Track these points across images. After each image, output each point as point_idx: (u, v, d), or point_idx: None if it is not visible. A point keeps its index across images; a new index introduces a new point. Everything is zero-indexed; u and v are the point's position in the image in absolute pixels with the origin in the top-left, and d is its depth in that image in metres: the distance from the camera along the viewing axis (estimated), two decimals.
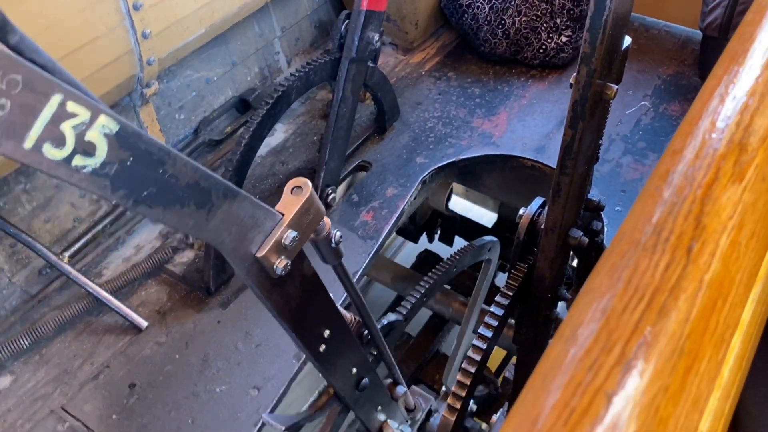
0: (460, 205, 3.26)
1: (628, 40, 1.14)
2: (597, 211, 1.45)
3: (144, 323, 1.84)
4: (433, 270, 1.59)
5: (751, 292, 0.53)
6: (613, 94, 1.13)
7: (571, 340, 0.36)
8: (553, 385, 0.34)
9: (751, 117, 0.48)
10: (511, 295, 1.37)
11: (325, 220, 0.95)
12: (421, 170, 2.19)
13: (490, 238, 1.76)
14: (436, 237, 3.09)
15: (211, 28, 1.98)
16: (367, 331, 1.28)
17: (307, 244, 0.95)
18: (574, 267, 1.90)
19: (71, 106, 0.58)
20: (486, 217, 3.30)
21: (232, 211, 0.79)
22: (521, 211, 1.39)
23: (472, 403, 1.53)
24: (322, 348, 1.10)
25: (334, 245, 1.00)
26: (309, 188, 0.89)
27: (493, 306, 1.37)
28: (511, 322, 1.70)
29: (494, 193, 2.65)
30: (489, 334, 1.35)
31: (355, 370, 1.26)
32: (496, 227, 3.11)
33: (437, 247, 3.11)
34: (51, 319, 1.81)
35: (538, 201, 1.40)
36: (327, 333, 1.10)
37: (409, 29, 2.66)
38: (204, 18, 1.93)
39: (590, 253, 1.85)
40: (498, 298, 1.37)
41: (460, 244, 3.02)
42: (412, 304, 1.54)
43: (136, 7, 1.65)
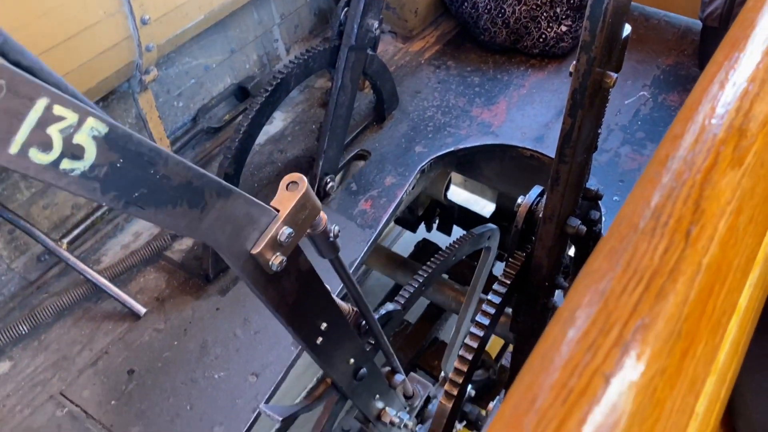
0: (459, 194, 3.26)
1: (628, 29, 1.13)
2: (595, 200, 1.46)
3: (142, 310, 1.85)
4: (433, 258, 1.59)
5: (749, 277, 0.54)
6: (612, 83, 1.13)
7: (570, 321, 0.37)
8: (552, 366, 0.34)
9: (751, 103, 0.48)
10: (509, 283, 1.37)
11: (322, 215, 0.94)
12: (420, 159, 2.19)
13: (490, 226, 1.76)
14: (435, 227, 3.09)
15: (211, 15, 1.98)
16: (364, 322, 1.28)
17: (303, 237, 0.94)
18: (571, 256, 1.90)
19: (58, 110, 0.57)
20: (484, 206, 3.30)
21: (226, 210, 0.78)
22: (520, 199, 1.39)
23: (470, 389, 1.53)
24: (320, 340, 1.10)
25: (331, 240, 0.99)
26: (305, 184, 0.88)
27: (491, 294, 1.38)
28: (509, 311, 1.70)
29: (493, 182, 2.65)
30: (486, 322, 1.36)
31: (352, 361, 1.26)
32: (494, 217, 3.12)
33: (435, 236, 3.11)
34: (50, 306, 1.81)
35: (537, 190, 1.40)
36: (324, 326, 1.10)
37: (408, 17, 2.65)
38: (203, 4, 1.92)
39: (588, 242, 1.85)
40: (496, 287, 1.38)
41: (459, 234, 3.04)
42: (411, 293, 1.54)
43: None
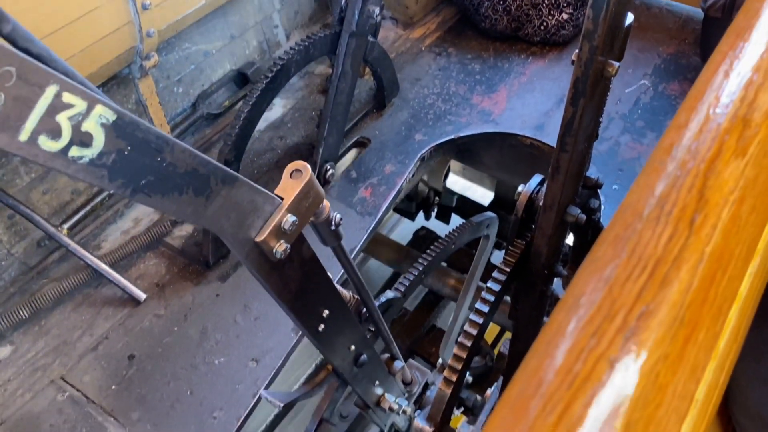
0: (457, 183, 3.27)
1: (630, 17, 1.13)
2: (595, 188, 1.46)
3: (143, 296, 1.85)
4: (432, 247, 1.59)
5: (750, 265, 0.54)
6: (614, 72, 1.13)
7: (575, 307, 0.37)
8: (557, 351, 0.35)
9: (755, 93, 0.48)
10: (508, 271, 1.38)
11: (325, 203, 0.95)
12: (420, 147, 2.19)
13: (489, 214, 1.77)
14: (433, 215, 3.10)
15: (211, 0, 1.97)
16: (365, 309, 1.29)
17: (306, 226, 0.95)
18: (570, 245, 1.91)
19: (67, 97, 0.57)
20: (483, 195, 3.30)
21: (231, 197, 0.79)
22: (520, 188, 1.39)
23: (468, 375, 1.55)
24: (321, 327, 1.11)
25: (333, 228, 0.99)
26: (308, 172, 0.88)
27: (491, 282, 1.38)
28: (507, 299, 1.71)
29: (492, 171, 2.65)
30: (485, 309, 1.37)
31: (353, 348, 1.27)
32: (493, 205, 3.12)
33: (434, 225, 3.12)
34: (50, 291, 1.81)
35: (537, 178, 1.40)
36: (326, 313, 1.10)
37: (409, 3, 2.63)
38: None
39: (587, 231, 1.86)
40: (495, 274, 1.38)
41: (457, 222, 3.04)
42: (410, 281, 1.55)
43: None
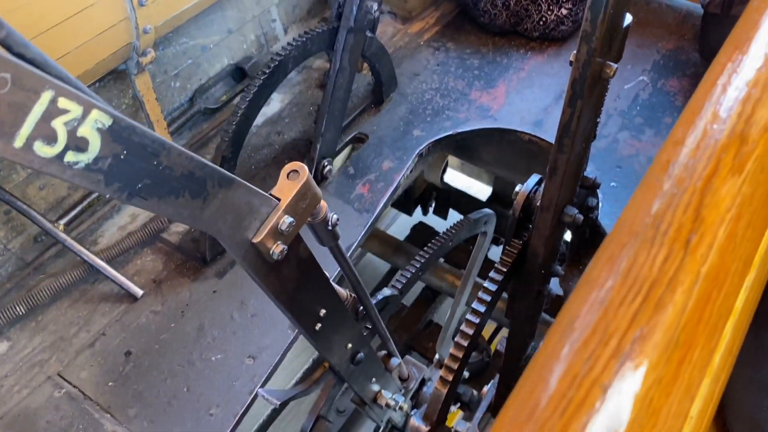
0: (455, 177, 3.26)
1: (629, 18, 1.13)
2: (593, 189, 1.46)
3: (139, 292, 1.85)
4: (430, 244, 1.59)
5: (746, 279, 0.54)
6: (612, 73, 1.13)
7: (569, 331, 0.37)
8: (551, 377, 0.35)
9: (753, 108, 0.48)
10: (505, 271, 1.38)
11: (322, 204, 0.95)
12: (418, 143, 2.19)
13: (487, 211, 1.77)
14: (431, 210, 3.10)
15: None
16: (362, 307, 1.29)
17: (303, 226, 0.95)
18: (567, 241, 1.91)
19: (63, 102, 0.57)
20: (481, 190, 3.30)
21: (228, 199, 0.79)
22: (517, 188, 1.39)
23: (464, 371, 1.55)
24: (318, 326, 1.12)
25: (330, 228, 0.99)
26: (306, 173, 0.88)
27: (487, 281, 1.38)
28: (504, 296, 1.71)
29: (491, 167, 2.65)
30: (482, 309, 1.37)
31: (350, 346, 1.28)
32: (491, 200, 3.12)
33: (431, 220, 3.11)
34: (47, 287, 1.81)
35: (535, 178, 1.40)
36: (323, 312, 1.11)
37: None
38: None
39: (585, 229, 1.86)
40: (492, 274, 1.38)
41: (454, 217, 3.04)
42: (408, 279, 1.55)
43: None
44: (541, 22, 2.47)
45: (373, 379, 1.47)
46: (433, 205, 3.07)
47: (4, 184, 1.80)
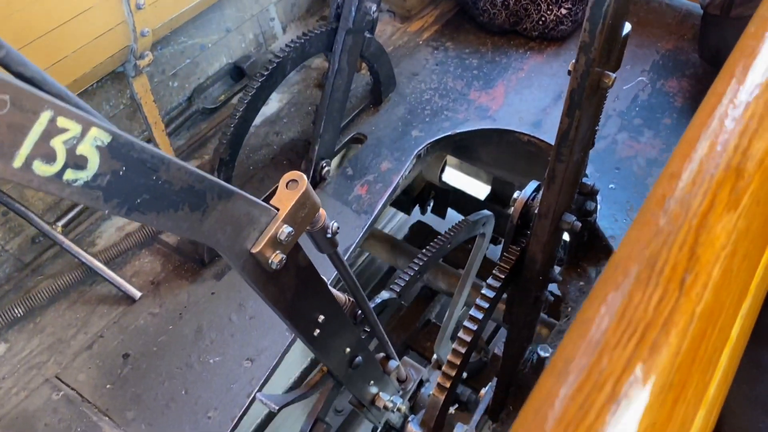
0: (453, 176, 3.26)
1: (627, 27, 1.12)
2: (591, 195, 1.46)
3: (137, 293, 1.85)
4: (428, 246, 1.59)
5: (741, 309, 0.54)
6: (611, 83, 1.12)
7: (564, 374, 0.37)
8: (546, 424, 0.35)
9: (749, 140, 0.48)
10: (503, 277, 1.38)
11: (321, 212, 0.95)
12: (417, 144, 2.18)
13: (485, 213, 1.77)
14: (429, 209, 3.09)
15: None
16: (360, 311, 1.29)
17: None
18: (565, 240, 1.90)
19: (62, 121, 0.56)
20: (479, 189, 3.29)
21: (227, 211, 0.78)
22: (515, 194, 1.39)
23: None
24: (317, 332, 1.12)
25: (329, 236, 1.00)
26: (305, 182, 0.88)
27: (485, 288, 1.38)
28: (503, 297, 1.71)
29: (489, 167, 2.64)
30: (480, 316, 1.37)
31: (348, 350, 1.28)
32: (489, 200, 3.12)
33: (429, 219, 3.11)
34: (45, 288, 1.81)
35: (533, 185, 1.40)
36: (321, 318, 1.11)
37: None
38: None
39: (582, 233, 1.86)
40: (490, 281, 1.39)
41: (453, 216, 3.03)
42: (406, 281, 1.55)
43: None
44: (541, 22, 2.46)
45: (372, 382, 1.47)
46: (432, 204, 3.07)
47: (2, 185, 1.80)
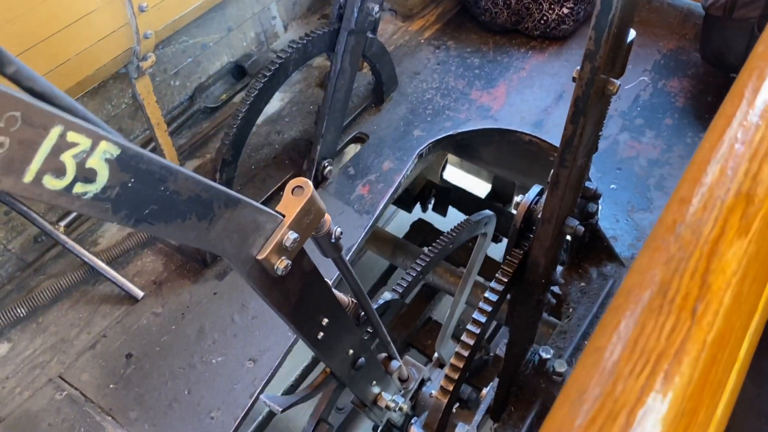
0: (454, 174, 3.26)
1: (632, 34, 1.12)
2: (594, 199, 1.46)
3: (140, 293, 1.86)
4: (430, 247, 1.60)
5: (749, 328, 0.55)
6: (615, 90, 1.12)
7: (577, 404, 0.38)
8: None
9: (759, 165, 0.48)
10: (506, 281, 1.39)
11: (326, 218, 0.95)
12: (418, 143, 2.18)
13: (487, 212, 1.77)
14: (430, 207, 3.10)
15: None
16: (363, 312, 1.30)
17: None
18: (567, 241, 1.90)
19: (71, 136, 0.57)
20: (480, 187, 3.29)
21: (234, 219, 0.79)
22: (518, 198, 1.39)
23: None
24: (321, 335, 1.13)
25: (334, 241, 1.00)
26: (310, 189, 0.89)
27: (488, 291, 1.39)
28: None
29: (491, 166, 2.65)
30: (483, 319, 1.38)
31: (351, 352, 1.29)
32: (490, 198, 3.12)
33: (430, 216, 3.11)
34: (48, 288, 1.82)
35: (536, 189, 1.40)
36: (325, 321, 1.12)
37: None
38: None
39: (584, 234, 1.86)
40: (493, 284, 1.39)
41: (454, 214, 3.03)
42: (408, 282, 1.55)
43: None
44: (542, 21, 2.46)
45: (374, 382, 1.48)
46: (433, 202, 3.07)
47: None
